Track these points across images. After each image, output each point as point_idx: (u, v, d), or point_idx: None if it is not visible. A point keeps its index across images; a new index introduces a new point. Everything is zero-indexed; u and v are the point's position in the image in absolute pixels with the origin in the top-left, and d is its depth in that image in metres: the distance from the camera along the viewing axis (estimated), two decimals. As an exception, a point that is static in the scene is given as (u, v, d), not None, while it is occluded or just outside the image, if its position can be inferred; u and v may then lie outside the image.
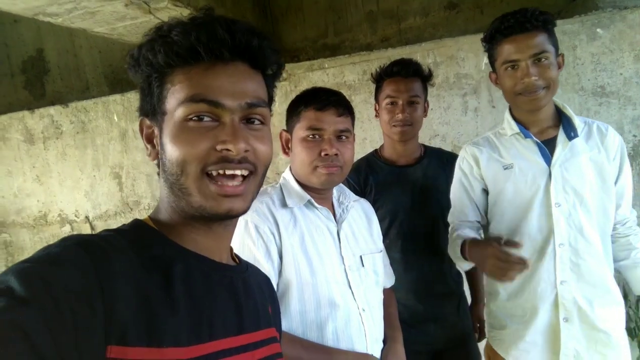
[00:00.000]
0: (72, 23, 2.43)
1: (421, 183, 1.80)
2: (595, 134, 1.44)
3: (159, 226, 0.68)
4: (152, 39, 0.65)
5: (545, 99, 1.39)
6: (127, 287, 0.56)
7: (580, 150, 1.42)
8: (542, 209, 1.43)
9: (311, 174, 1.24)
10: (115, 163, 3.09)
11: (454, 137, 2.57)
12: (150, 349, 0.55)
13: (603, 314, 1.40)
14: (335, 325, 1.19)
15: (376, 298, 1.33)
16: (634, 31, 2.31)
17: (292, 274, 1.18)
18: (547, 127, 1.47)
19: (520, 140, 1.48)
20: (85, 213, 3.18)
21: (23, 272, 0.50)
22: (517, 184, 1.46)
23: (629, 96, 2.34)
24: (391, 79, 1.78)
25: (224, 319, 0.67)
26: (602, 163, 1.42)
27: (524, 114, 1.47)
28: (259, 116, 0.69)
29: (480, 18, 3.52)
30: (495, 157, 1.51)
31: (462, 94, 2.56)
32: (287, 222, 1.23)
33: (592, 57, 2.36)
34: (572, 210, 1.41)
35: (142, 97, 0.71)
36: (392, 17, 3.79)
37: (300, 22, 3.94)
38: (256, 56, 0.68)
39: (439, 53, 2.56)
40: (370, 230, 1.43)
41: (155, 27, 0.66)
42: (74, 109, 3.12)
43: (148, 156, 0.71)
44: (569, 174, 1.41)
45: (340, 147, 1.24)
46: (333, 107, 1.24)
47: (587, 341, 1.41)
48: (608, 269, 1.44)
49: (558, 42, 1.44)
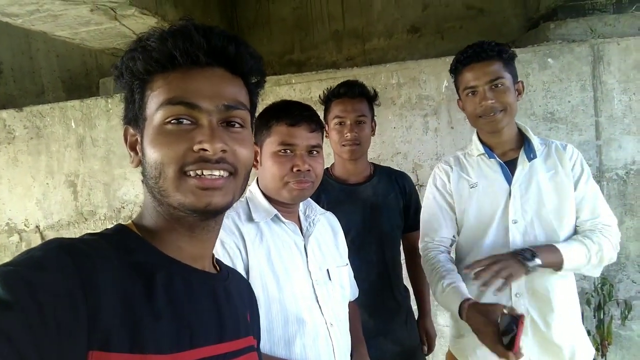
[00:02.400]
0: (32, 25, 2.35)
1: (371, 201, 1.84)
2: (554, 154, 1.54)
3: (143, 232, 0.68)
4: (132, 49, 0.67)
5: (503, 121, 1.48)
6: (110, 293, 0.56)
7: (538, 170, 1.51)
8: (500, 226, 1.52)
9: (282, 188, 1.22)
10: (70, 171, 2.98)
11: (414, 155, 2.66)
12: (132, 355, 0.55)
13: (557, 328, 1.46)
14: (303, 342, 1.17)
15: (343, 312, 1.32)
16: (581, 63, 2.49)
17: (258, 290, 1.14)
18: (510, 149, 1.56)
19: (485, 161, 1.57)
20: (36, 222, 3.03)
21: (5, 275, 0.49)
22: (481, 201, 1.55)
23: (576, 122, 2.51)
24: (338, 100, 1.82)
25: (205, 327, 0.66)
26: (560, 181, 1.50)
27: (488, 136, 1.56)
28: (239, 119, 0.70)
29: (441, 43, 3.69)
30: (463, 176, 1.60)
31: (423, 114, 2.66)
32: (254, 237, 1.20)
33: (543, 85, 2.53)
34: (528, 227, 1.49)
35: (125, 106, 0.71)
36: (357, 37, 3.91)
37: (267, 36, 3.98)
38: (234, 61, 0.70)
39: (402, 74, 2.65)
40: (336, 244, 1.42)
41: (136, 37, 0.68)
42: (28, 114, 2.99)
43: (131, 163, 0.71)
44: (527, 193, 1.50)
45: (312, 162, 1.23)
46: (305, 122, 1.22)
47: (540, 351, 1.47)
48: (564, 284, 1.49)
49: (516, 70, 1.55)
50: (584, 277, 2.51)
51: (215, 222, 0.73)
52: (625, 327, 2.51)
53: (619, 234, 1.51)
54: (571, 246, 1.44)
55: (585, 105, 2.50)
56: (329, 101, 1.86)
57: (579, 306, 1.57)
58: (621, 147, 2.49)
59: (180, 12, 2.90)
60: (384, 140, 2.69)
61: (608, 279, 2.47)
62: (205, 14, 3.38)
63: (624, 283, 2.52)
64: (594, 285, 2.48)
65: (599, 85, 2.49)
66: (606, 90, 2.48)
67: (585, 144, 2.51)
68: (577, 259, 1.43)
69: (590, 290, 2.49)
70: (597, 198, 1.51)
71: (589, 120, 2.50)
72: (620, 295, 2.50)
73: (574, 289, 1.56)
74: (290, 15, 3.94)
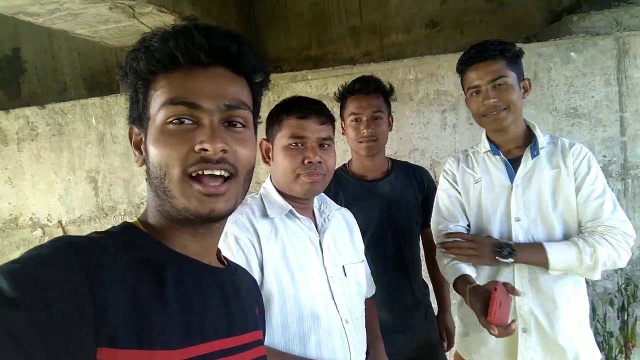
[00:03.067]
0: (53, 24, 2.39)
1: (389, 197, 1.83)
2: (559, 152, 1.52)
3: (148, 229, 0.69)
4: (136, 49, 0.68)
5: (507, 119, 1.49)
6: (118, 290, 0.56)
7: (542, 167, 1.50)
8: (503, 223, 1.52)
9: (294, 182, 1.22)
10: (91, 167, 3.03)
11: (432, 151, 2.63)
12: (141, 351, 0.55)
13: (561, 329, 1.45)
14: (318, 338, 1.17)
15: (359, 309, 1.32)
16: (605, 57, 2.42)
17: (273, 286, 1.15)
18: (516, 147, 1.56)
19: (491, 157, 1.59)
20: (58, 217, 3.10)
21: (12, 273, 0.49)
22: (483, 197, 1.56)
23: (600, 118, 2.44)
24: (354, 96, 1.81)
25: (214, 321, 0.67)
26: (562, 180, 1.47)
27: (494, 134, 1.58)
28: (240, 119, 0.70)
29: (460, 37, 3.63)
30: (468, 171, 1.63)
31: (441, 110, 2.62)
32: (268, 233, 1.20)
33: (566, 80, 2.46)
34: (531, 225, 1.48)
35: (130, 106, 0.72)
36: (374, 33, 3.87)
37: (284, 32, 3.98)
38: (236, 61, 0.70)
39: (420, 70, 2.61)
40: (352, 240, 1.42)
41: (140, 38, 0.68)
42: (50, 111, 3.05)
43: (136, 162, 0.72)
44: (529, 190, 1.49)
45: (323, 154, 1.23)
46: (315, 115, 1.23)
47: (544, 352, 1.46)
48: (571, 284, 1.47)
49: (522, 68, 1.54)
50: (607, 277, 2.45)
51: (220, 223, 0.74)
52: (650, 328, 2.44)
53: (632, 237, 1.43)
54: (559, 247, 1.42)
55: (609, 101, 2.43)
56: (345, 98, 1.85)
57: (587, 308, 1.53)
58: (647, 143, 2.41)
59: (197, 9, 2.91)
60: (401, 137, 2.66)
61: (632, 279, 2.40)
62: (222, 10, 3.39)
63: (649, 283, 2.45)
64: (617, 285, 2.42)
65: (624, 79, 2.41)
66: (632, 85, 2.41)
67: (609, 140, 2.44)
68: (565, 259, 1.40)
69: (614, 290, 2.43)
70: (603, 199, 1.44)
71: (613, 115, 2.43)
72: (645, 295, 2.43)
73: (583, 289, 1.52)
74: (308, 10, 3.92)
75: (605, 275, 2.46)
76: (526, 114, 2.48)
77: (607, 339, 2.39)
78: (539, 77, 2.48)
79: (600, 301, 2.44)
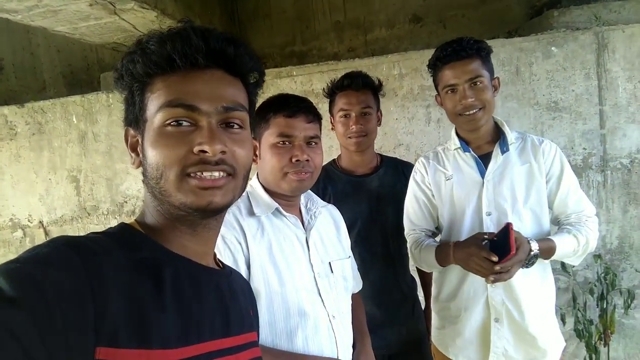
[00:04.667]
0: (32, 21, 2.34)
1: (378, 192, 1.85)
2: (529, 148, 1.57)
3: (146, 230, 0.69)
4: (132, 51, 0.68)
5: (482, 119, 1.52)
6: (117, 289, 0.56)
7: (512, 163, 1.55)
8: (475, 218, 1.56)
9: (281, 180, 1.23)
10: (73, 166, 2.98)
11: (417, 146, 2.65)
12: (140, 350, 0.55)
13: (531, 318, 1.50)
14: (305, 334, 1.18)
15: (346, 304, 1.33)
16: (585, 51, 2.46)
17: (260, 283, 1.15)
18: (485, 143, 1.60)
19: (461, 154, 1.62)
20: (40, 218, 3.04)
21: (12, 272, 0.49)
22: (455, 193, 1.60)
23: (580, 111, 2.49)
24: (343, 92, 1.82)
25: (212, 322, 0.67)
26: (533, 174, 1.53)
27: (466, 132, 1.61)
28: (238, 120, 0.71)
29: (443, 32, 3.65)
30: (439, 169, 1.66)
31: (425, 105, 2.64)
32: (255, 231, 1.20)
33: (547, 74, 2.50)
34: (502, 219, 1.52)
35: (126, 108, 0.72)
36: (358, 28, 3.87)
37: (268, 29, 3.96)
38: (233, 63, 0.70)
39: (404, 65, 2.63)
40: (338, 236, 1.43)
41: (136, 40, 0.68)
42: (30, 110, 2.99)
43: (132, 164, 0.72)
44: (500, 185, 1.54)
45: (311, 152, 1.24)
46: (303, 113, 1.24)
47: (515, 341, 1.52)
48: (538, 276, 1.53)
49: (493, 65, 1.57)
50: (587, 266, 2.51)
51: (217, 220, 0.74)
52: (628, 316, 2.51)
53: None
54: (564, 240, 1.49)
55: (589, 94, 2.48)
56: (334, 94, 1.85)
57: (553, 298, 1.60)
58: (626, 135, 2.47)
59: (179, 6, 2.88)
60: (386, 132, 2.67)
61: (611, 268, 2.46)
62: (205, 6, 3.36)
63: (628, 272, 2.51)
64: (597, 274, 2.48)
65: (604, 73, 2.46)
66: (611, 79, 2.46)
67: (590, 133, 2.49)
68: (566, 250, 1.50)
69: (594, 280, 2.49)
70: (579, 191, 1.57)
71: (593, 109, 2.48)
72: (623, 284, 2.49)
73: (550, 280, 1.59)
74: (291, 6, 3.91)
75: (586, 265, 2.52)
76: (508, 108, 2.53)
77: (587, 326, 2.45)
78: (520, 72, 2.52)
79: (581, 290, 2.50)
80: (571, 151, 2.50)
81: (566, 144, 2.50)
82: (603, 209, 2.50)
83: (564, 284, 2.54)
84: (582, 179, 2.50)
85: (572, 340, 2.53)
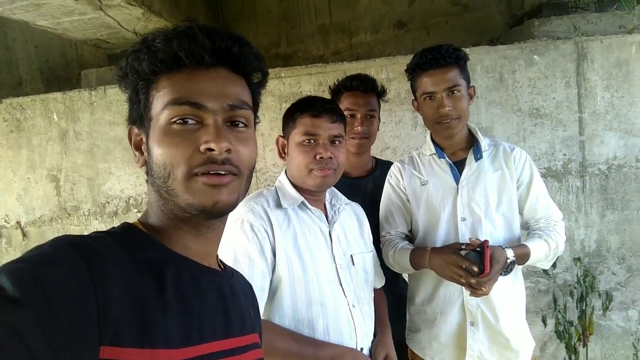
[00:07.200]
0: (13, 14, 2.27)
1: (372, 194, 1.87)
2: (501, 155, 1.62)
3: (149, 230, 0.69)
4: (137, 49, 0.68)
5: (457, 127, 1.57)
6: (120, 289, 0.56)
7: (485, 169, 1.60)
8: (450, 223, 1.60)
9: (307, 176, 1.32)
10: (53, 165, 2.90)
11: (404, 150, 2.68)
12: (143, 350, 0.56)
13: (505, 321, 1.55)
14: (326, 322, 1.26)
15: (366, 295, 1.40)
16: (565, 60, 2.54)
17: (284, 270, 1.24)
18: (459, 149, 1.64)
19: (436, 160, 1.66)
20: (17, 218, 2.94)
21: (15, 272, 0.49)
22: (430, 199, 1.63)
23: (560, 118, 2.57)
24: (350, 92, 1.85)
25: (213, 322, 0.68)
26: (505, 180, 1.58)
27: (441, 138, 1.64)
28: (243, 118, 0.71)
29: (427, 38, 3.72)
30: (415, 174, 1.69)
31: (412, 109, 2.66)
32: (281, 221, 1.29)
33: (529, 81, 2.57)
34: (476, 224, 1.56)
35: (130, 106, 0.72)
36: (344, 32, 3.90)
37: (253, 29, 3.94)
38: (237, 61, 0.71)
39: (391, 69, 2.66)
40: (361, 232, 1.51)
41: (141, 38, 0.68)
42: (8, 106, 2.89)
43: (136, 163, 0.72)
44: (474, 191, 1.58)
45: (334, 151, 1.32)
46: (327, 114, 1.32)
47: (490, 343, 1.56)
48: (509, 280, 1.57)
49: (469, 74, 1.61)
50: (566, 269, 2.58)
51: (221, 221, 0.75)
52: (605, 317, 2.59)
53: None
54: (537, 246, 1.53)
55: (569, 102, 2.56)
56: (340, 93, 1.88)
57: (524, 301, 1.65)
58: (603, 142, 2.56)
59: (165, 3, 2.84)
60: (373, 135, 2.69)
61: (590, 271, 2.54)
62: (190, 5, 3.32)
63: (605, 275, 2.60)
64: (577, 277, 2.56)
65: (583, 82, 2.54)
66: (590, 87, 2.54)
67: (569, 139, 2.57)
68: (539, 255, 1.54)
69: (574, 282, 2.56)
70: (547, 197, 1.62)
71: (573, 116, 2.56)
72: (601, 286, 2.58)
73: (521, 283, 1.64)
74: (277, 8, 3.91)
75: (565, 268, 2.59)
76: (492, 114, 2.59)
77: (567, 328, 2.52)
78: (504, 79, 2.58)
79: (561, 292, 2.57)
80: (552, 157, 2.58)
81: (547, 150, 2.57)
82: (582, 214, 2.58)
83: (545, 286, 2.61)
84: (562, 184, 2.58)
85: (552, 341, 2.60)
